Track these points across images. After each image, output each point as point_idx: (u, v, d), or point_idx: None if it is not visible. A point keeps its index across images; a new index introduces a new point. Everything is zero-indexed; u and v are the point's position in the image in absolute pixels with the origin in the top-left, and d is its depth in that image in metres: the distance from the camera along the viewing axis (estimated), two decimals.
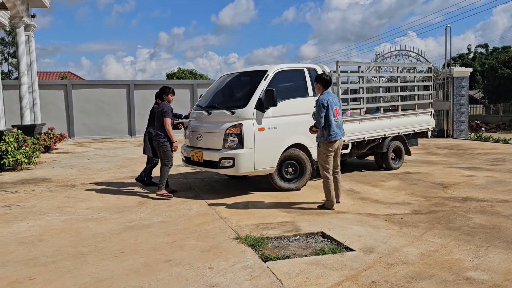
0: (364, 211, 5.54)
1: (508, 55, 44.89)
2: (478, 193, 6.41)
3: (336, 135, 5.65)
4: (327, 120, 5.60)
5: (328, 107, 5.59)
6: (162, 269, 3.74)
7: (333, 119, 5.63)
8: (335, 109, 5.68)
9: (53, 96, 18.30)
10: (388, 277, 3.46)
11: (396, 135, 8.66)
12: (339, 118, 5.74)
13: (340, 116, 5.82)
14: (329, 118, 5.60)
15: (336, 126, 5.67)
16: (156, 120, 6.76)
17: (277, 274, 3.56)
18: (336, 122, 5.67)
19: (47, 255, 4.19)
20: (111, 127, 19.13)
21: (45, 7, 14.58)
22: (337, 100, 5.85)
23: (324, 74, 5.86)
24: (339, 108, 5.80)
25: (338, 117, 5.73)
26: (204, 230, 4.88)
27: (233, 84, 7.40)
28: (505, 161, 9.61)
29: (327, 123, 5.61)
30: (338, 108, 5.76)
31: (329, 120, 5.60)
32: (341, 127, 5.81)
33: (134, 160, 11.07)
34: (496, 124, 39.55)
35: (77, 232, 4.94)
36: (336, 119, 5.68)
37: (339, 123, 5.75)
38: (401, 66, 10.14)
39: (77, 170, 9.69)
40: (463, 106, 16.34)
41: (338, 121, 5.71)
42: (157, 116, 6.75)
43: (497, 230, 4.64)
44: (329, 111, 5.60)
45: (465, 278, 3.42)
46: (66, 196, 6.90)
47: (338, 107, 5.77)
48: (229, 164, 6.26)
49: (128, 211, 5.87)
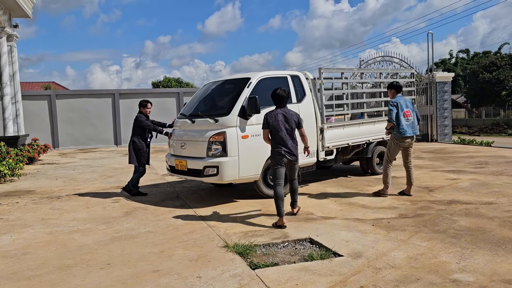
0: (352, 216, 5.57)
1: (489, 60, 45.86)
2: (462, 196, 6.51)
3: (405, 132, 6.47)
4: (397, 119, 6.45)
5: (398, 108, 6.46)
6: (150, 280, 3.70)
7: (403, 119, 6.47)
8: (406, 111, 6.52)
9: (36, 106, 18.04)
10: (376, 282, 3.48)
11: (381, 140, 8.75)
12: (410, 118, 6.53)
13: (412, 117, 6.56)
14: (399, 117, 6.45)
15: (406, 125, 6.48)
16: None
17: (266, 281, 3.55)
18: (407, 121, 6.50)
19: (31, 268, 4.11)
20: (96, 137, 18.92)
21: (27, 17, 14.44)
22: (409, 103, 6.66)
23: (395, 81, 6.92)
24: (410, 110, 6.58)
25: (409, 118, 6.53)
26: (192, 239, 4.85)
27: (217, 92, 7.41)
28: (488, 164, 9.78)
29: (397, 122, 6.47)
30: (409, 110, 6.56)
31: (399, 119, 6.44)
32: (413, 126, 6.56)
33: (120, 170, 10.96)
34: (479, 127, 40.24)
35: (62, 244, 4.86)
36: (407, 119, 6.50)
37: (410, 123, 6.52)
38: (384, 71, 10.26)
39: (62, 181, 9.56)
40: (446, 110, 16.60)
41: (409, 120, 6.52)
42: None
43: (482, 232, 4.71)
44: (399, 111, 6.46)
45: (452, 280, 3.46)
46: (51, 208, 6.80)
47: (410, 109, 6.57)
48: (213, 172, 6.25)
49: (115, 221, 5.80)
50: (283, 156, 5.31)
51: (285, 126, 5.33)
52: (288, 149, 5.31)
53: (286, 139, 5.31)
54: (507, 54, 47.31)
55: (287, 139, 5.32)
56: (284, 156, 5.31)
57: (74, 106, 18.66)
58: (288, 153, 5.31)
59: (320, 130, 7.45)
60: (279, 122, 5.32)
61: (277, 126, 5.32)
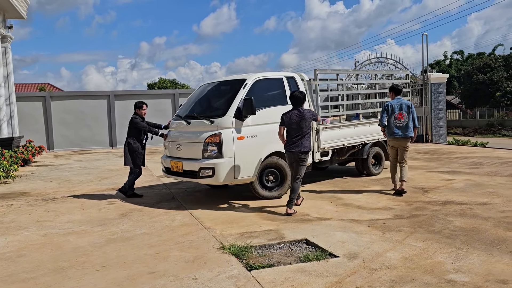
0: (347, 217, 5.58)
1: (483, 61, 46.21)
2: (457, 197, 6.54)
3: (393, 134, 6.88)
4: (388, 121, 6.91)
5: (389, 110, 6.88)
6: (146, 282, 3.69)
7: (393, 121, 6.86)
8: (398, 113, 6.83)
9: (31, 108, 17.96)
10: (372, 282, 3.49)
11: (376, 141, 8.78)
12: (403, 120, 6.82)
13: (405, 119, 6.81)
14: (389, 119, 6.89)
15: (395, 127, 6.85)
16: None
17: (262, 282, 3.55)
18: (399, 124, 6.82)
19: (26, 271, 4.09)
20: (91, 138, 18.85)
21: (22, 18, 14.38)
22: (405, 106, 6.86)
23: (395, 84, 7.22)
24: (404, 113, 6.82)
25: (402, 119, 6.82)
26: (188, 240, 4.85)
27: (212, 93, 7.41)
28: (482, 164, 9.83)
29: (388, 123, 6.92)
30: (403, 112, 6.81)
31: (389, 121, 6.89)
32: (405, 128, 6.79)
33: (115, 172, 10.93)
34: (473, 128, 40.48)
35: (57, 246, 4.84)
36: (399, 121, 6.83)
37: (402, 125, 6.81)
38: (379, 73, 10.30)
39: (57, 183, 9.52)
40: (441, 111, 16.70)
41: (401, 123, 6.82)
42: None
43: (477, 232, 4.73)
44: (390, 114, 6.88)
45: (447, 280, 3.48)
46: (45, 210, 6.76)
47: (404, 112, 6.81)
48: (209, 174, 6.25)
49: (110, 223, 5.78)
50: (290, 152, 5.93)
51: (298, 125, 5.86)
52: (296, 146, 5.87)
53: (297, 137, 5.87)
54: (501, 55, 47.67)
55: (298, 137, 5.88)
56: (292, 153, 5.91)
57: (69, 107, 18.58)
58: (296, 149, 5.87)
59: (315, 131, 7.46)
60: (292, 122, 5.88)
61: (291, 125, 5.89)
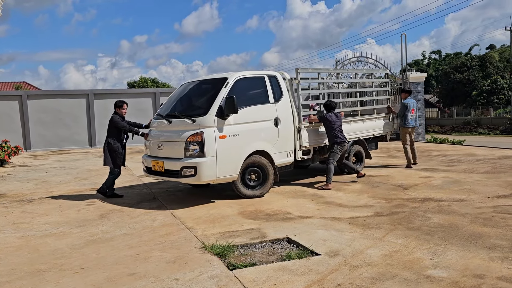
0: (329, 215, 5.62)
1: (460, 61, 47.24)
2: (436, 194, 6.66)
3: (408, 124, 9.41)
4: (405, 114, 9.36)
5: (407, 107, 9.38)
6: (126, 283, 3.64)
7: (409, 114, 9.36)
8: (412, 109, 9.38)
9: (7, 107, 17.51)
10: (353, 279, 3.52)
11: (357, 139, 8.86)
12: (413, 114, 9.41)
13: (415, 114, 9.48)
14: (406, 113, 9.36)
15: (410, 119, 9.40)
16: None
17: (244, 282, 3.55)
18: (412, 117, 9.40)
19: (1, 274, 3.98)
20: (70, 138, 18.48)
21: None
22: (415, 104, 9.64)
23: (407, 87, 10.23)
24: (415, 109, 9.49)
25: (413, 114, 9.41)
26: (169, 241, 4.80)
27: (194, 92, 7.36)
28: (459, 162, 10.04)
29: (404, 116, 9.37)
30: (415, 109, 9.45)
31: (406, 115, 9.36)
32: (415, 120, 9.53)
33: (95, 172, 10.75)
34: (451, 126, 41.35)
35: (34, 248, 4.73)
36: (412, 115, 9.39)
37: (414, 118, 9.44)
38: (360, 72, 10.40)
39: (34, 184, 9.31)
40: (419, 110, 16.94)
41: (413, 116, 9.41)
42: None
43: (454, 228, 4.83)
44: (407, 109, 9.37)
45: (426, 276, 3.54)
46: (22, 211, 6.61)
47: (415, 108, 9.46)
48: (191, 173, 6.21)
49: (90, 224, 5.68)
50: (338, 143, 7.75)
51: (341, 123, 7.83)
52: (340, 138, 7.71)
53: (338, 131, 7.71)
54: (477, 55, 48.82)
55: (338, 131, 7.71)
56: (340, 143, 7.76)
57: (46, 106, 18.17)
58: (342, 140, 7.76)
59: (297, 129, 7.49)
60: (339, 120, 7.78)
61: (338, 122, 7.72)
